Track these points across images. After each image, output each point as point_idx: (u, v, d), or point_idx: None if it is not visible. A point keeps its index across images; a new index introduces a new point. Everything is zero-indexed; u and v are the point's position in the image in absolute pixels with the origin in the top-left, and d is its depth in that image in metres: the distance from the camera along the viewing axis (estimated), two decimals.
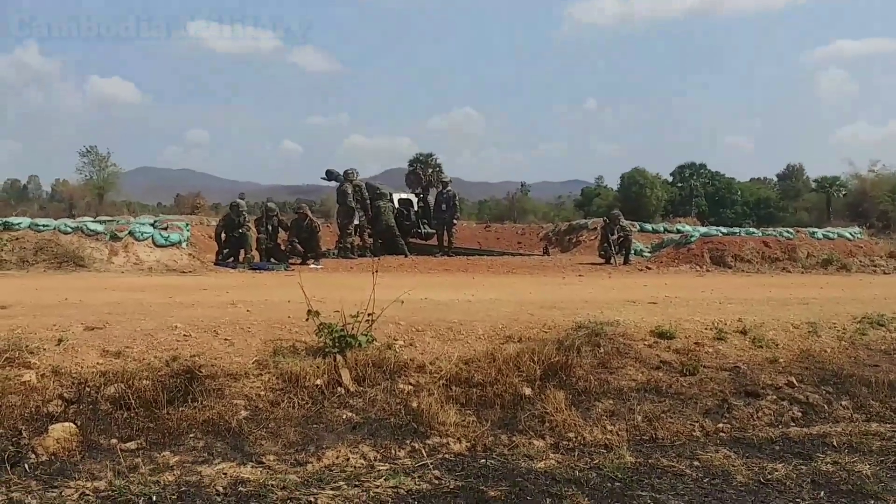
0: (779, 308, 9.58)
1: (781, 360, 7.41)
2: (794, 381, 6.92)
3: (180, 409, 5.82)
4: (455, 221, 21.46)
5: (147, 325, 7.40)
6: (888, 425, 6.31)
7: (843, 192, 63.93)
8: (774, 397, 6.67)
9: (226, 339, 7.03)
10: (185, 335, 7.09)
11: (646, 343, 7.54)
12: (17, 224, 14.84)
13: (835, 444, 5.86)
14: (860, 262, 17.50)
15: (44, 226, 14.88)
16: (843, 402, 6.69)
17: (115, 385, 5.97)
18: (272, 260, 16.66)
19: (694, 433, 6.07)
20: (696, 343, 7.63)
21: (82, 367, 6.22)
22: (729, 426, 6.22)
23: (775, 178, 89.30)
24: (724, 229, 19.51)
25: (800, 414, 6.48)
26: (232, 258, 16.50)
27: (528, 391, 6.42)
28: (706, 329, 8.09)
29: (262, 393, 6.13)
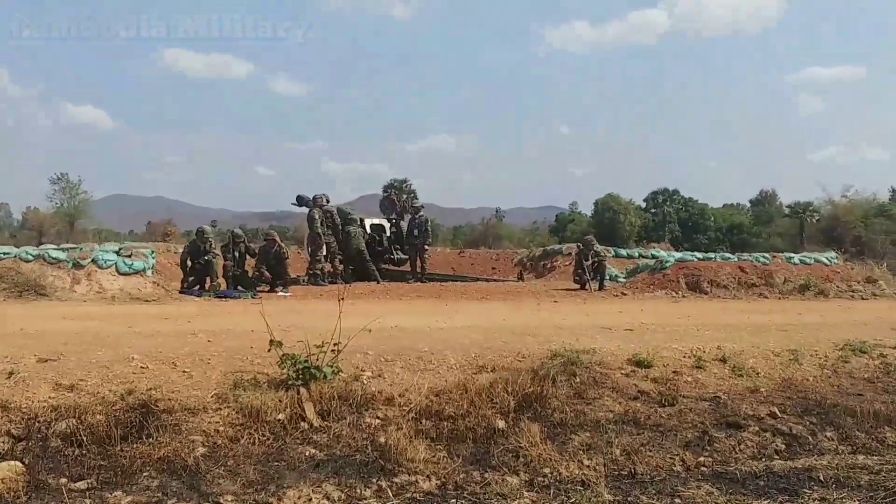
0: (758, 334, 9.38)
1: (763, 390, 7.19)
2: (777, 412, 6.70)
3: (134, 445, 5.56)
4: (427, 247, 21.18)
5: (103, 357, 7.10)
6: (875, 458, 6.08)
7: (817, 217, 64.29)
8: (757, 428, 6.44)
9: (184, 372, 6.74)
10: (142, 367, 6.79)
11: (623, 372, 7.31)
12: None
13: (821, 478, 5.62)
14: (837, 287, 17.37)
15: (4, 253, 14.38)
16: (828, 434, 6.47)
17: (67, 420, 5.71)
18: (239, 287, 16.28)
19: (674, 467, 5.83)
20: (674, 372, 7.41)
21: (33, 402, 5.95)
22: (710, 460, 5.99)
23: (748, 204, 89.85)
24: (699, 255, 19.36)
25: (783, 446, 6.25)
26: (198, 286, 16.07)
27: (501, 424, 6.16)
28: (684, 357, 7.88)
29: (221, 428, 5.84)
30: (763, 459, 6.04)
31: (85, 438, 5.53)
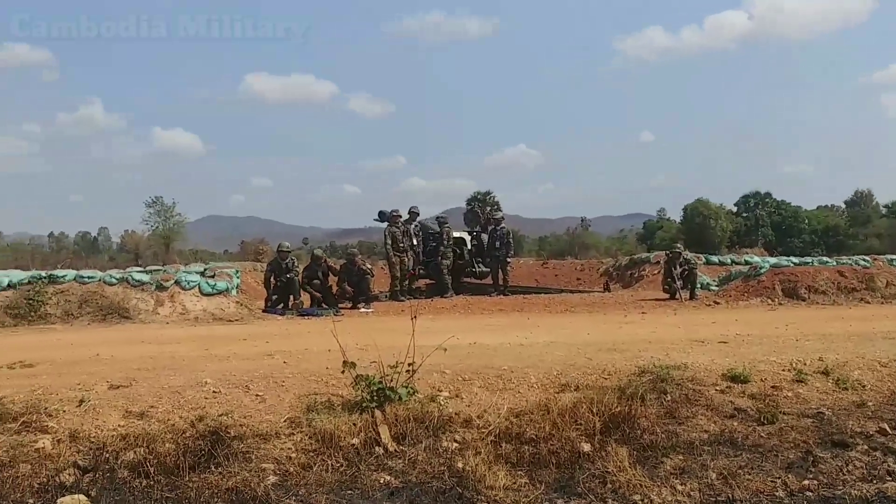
0: (862, 344, 8.78)
1: (870, 404, 6.66)
2: (887, 428, 6.17)
3: (203, 475, 5.39)
4: (510, 259, 20.76)
5: (176, 382, 6.95)
6: None
7: None
8: (865, 447, 5.94)
9: (257, 395, 6.55)
10: (214, 392, 6.63)
11: (717, 388, 6.86)
12: (62, 277, 14.42)
13: None
14: None
15: (89, 277, 14.48)
16: None
17: (136, 450, 5.60)
18: (322, 305, 16.13)
19: (776, 492, 5.39)
20: (773, 387, 6.93)
21: (102, 431, 5.87)
22: (816, 482, 5.52)
23: (843, 205, 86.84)
24: (795, 259, 18.54)
25: None
26: (281, 304, 16.00)
27: (586, 447, 5.81)
28: (783, 370, 7.38)
29: (293, 455, 5.66)
30: (874, 481, 5.53)
31: (153, 469, 5.39)
